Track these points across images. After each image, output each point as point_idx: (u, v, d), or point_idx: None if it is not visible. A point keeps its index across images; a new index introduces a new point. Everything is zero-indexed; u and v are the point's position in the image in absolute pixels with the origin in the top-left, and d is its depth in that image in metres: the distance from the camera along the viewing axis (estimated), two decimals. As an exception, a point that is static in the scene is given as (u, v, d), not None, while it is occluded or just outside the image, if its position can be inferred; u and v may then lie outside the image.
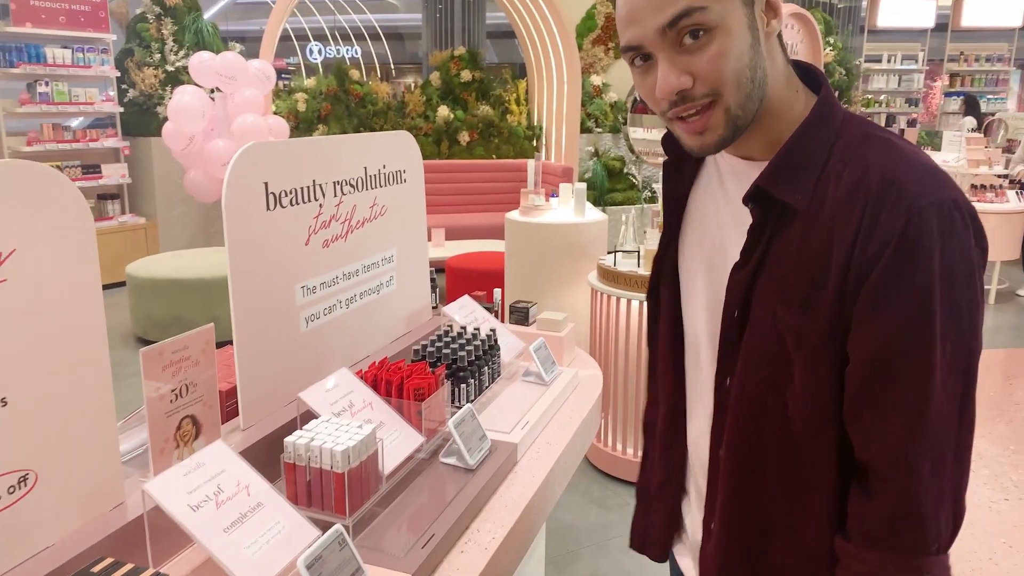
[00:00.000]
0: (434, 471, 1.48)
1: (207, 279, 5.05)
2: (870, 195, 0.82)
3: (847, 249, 0.83)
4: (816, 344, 0.86)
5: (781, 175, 0.88)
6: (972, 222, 0.82)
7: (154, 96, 6.71)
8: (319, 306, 1.64)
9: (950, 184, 0.82)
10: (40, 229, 1.03)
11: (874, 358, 0.83)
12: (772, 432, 0.94)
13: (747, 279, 0.93)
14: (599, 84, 8.52)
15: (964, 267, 0.80)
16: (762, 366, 0.93)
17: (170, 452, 1.27)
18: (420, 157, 2.04)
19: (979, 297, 0.83)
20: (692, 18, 0.80)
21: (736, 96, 0.84)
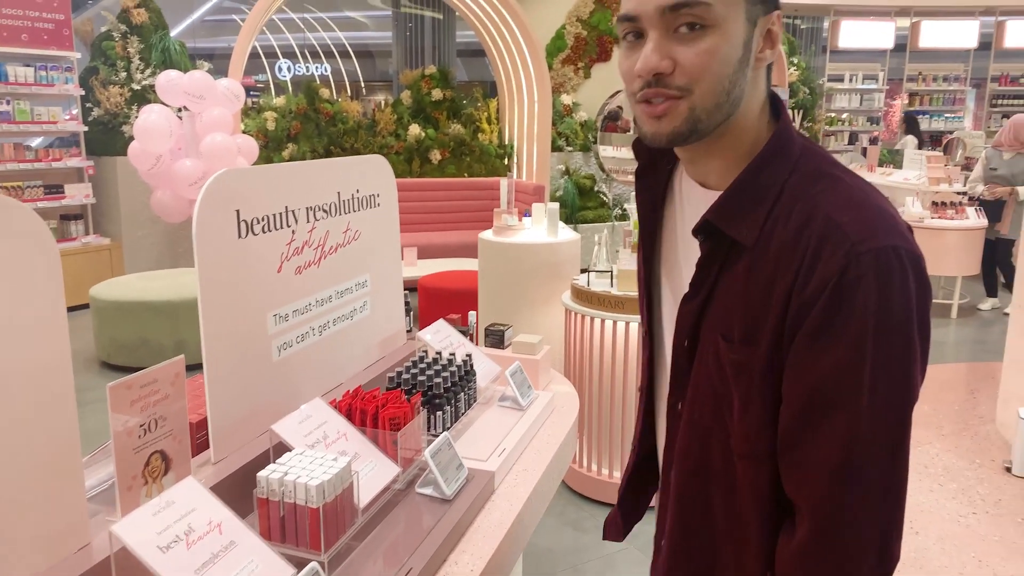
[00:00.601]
0: (410, 502, 1.46)
1: (174, 301, 4.96)
2: (813, 236, 0.82)
3: (788, 288, 0.83)
4: (755, 379, 0.87)
5: (731, 210, 0.88)
6: (914, 270, 0.80)
7: (119, 115, 6.61)
8: (291, 334, 1.61)
9: (894, 230, 0.81)
10: (7, 266, 0.99)
11: (804, 398, 0.83)
12: (717, 461, 0.94)
13: (696, 311, 0.94)
14: (569, 104, 8.59)
15: (901, 315, 0.79)
16: (708, 395, 0.94)
17: (138, 489, 1.23)
18: (394, 180, 2.03)
19: (915, 347, 0.81)
20: (694, 9, 0.81)
21: (705, 99, 0.84)
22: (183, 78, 5.67)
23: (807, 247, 0.82)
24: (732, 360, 0.88)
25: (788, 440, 0.85)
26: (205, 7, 13.14)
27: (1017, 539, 2.95)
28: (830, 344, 0.80)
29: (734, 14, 0.82)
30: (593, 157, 8.34)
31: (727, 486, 0.94)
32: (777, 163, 0.88)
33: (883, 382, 0.80)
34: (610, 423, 3.14)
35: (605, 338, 3.07)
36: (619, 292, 3.06)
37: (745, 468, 0.91)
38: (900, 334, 0.80)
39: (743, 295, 0.87)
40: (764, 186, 0.87)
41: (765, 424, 0.88)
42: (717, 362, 0.91)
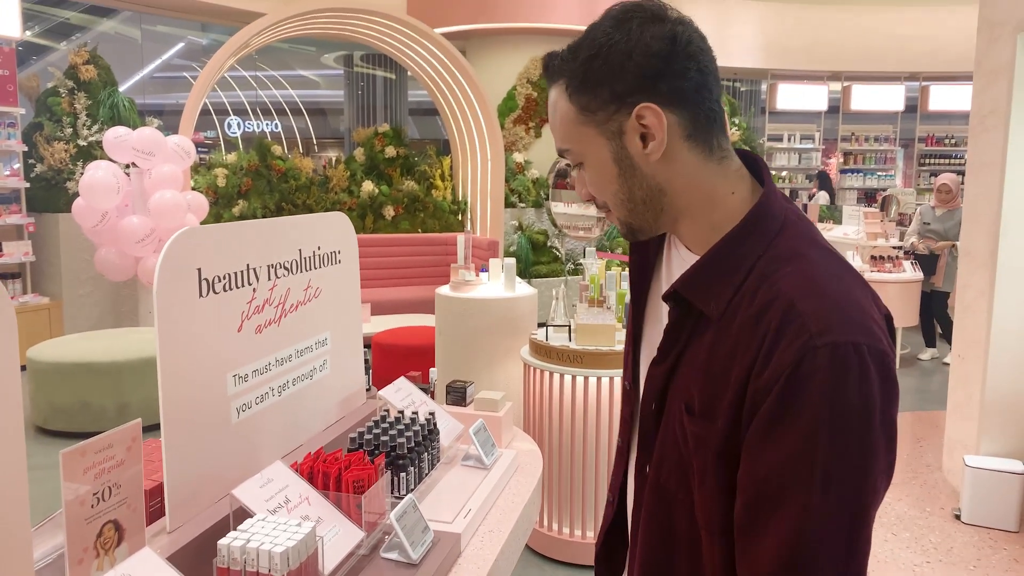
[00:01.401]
0: (375, 567, 1.41)
1: (118, 362, 4.78)
2: (773, 321, 0.80)
3: (746, 370, 0.82)
4: (711, 455, 0.86)
5: (700, 282, 0.89)
6: (877, 367, 0.78)
7: (64, 171, 6.47)
8: (251, 395, 1.57)
9: (857, 324, 0.79)
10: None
11: (753, 489, 0.81)
12: (681, 527, 0.93)
13: (663, 376, 0.94)
14: (521, 161, 8.76)
15: (857, 411, 0.77)
16: (674, 461, 0.92)
17: (89, 562, 1.17)
18: (355, 237, 2.02)
19: (875, 445, 0.78)
20: (567, 155, 0.93)
21: (621, 212, 0.93)
22: (132, 135, 5.60)
23: (766, 331, 0.81)
24: (692, 432, 0.88)
25: (740, 527, 0.83)
26: (154, 64, 13.08)
27: (970, 586, 2.99)
28: (780, 436, 0.79)
29: (592, 144, 0.89)
30: (546, 213, 8.47)
31: (692, 554, 0.92)
32: (752, 238, 0.87)
33: (836, 479, 0.77)
34: (571, 480, 3.12)
35: (565, 393, 3.07)
36: (577, 346, 3.08)
37: (707, 539, 0.89)
38: (855, 431, 0.77)
39: (704, 368, 0.87)
40: (736, 260, 0.87)
41: (719, 500, 0.86)
42: (682, 430, 0.90)
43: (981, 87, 3.55)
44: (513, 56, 8.94)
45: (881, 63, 11.36)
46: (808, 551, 0.77)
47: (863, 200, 10.75)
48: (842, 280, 0.84)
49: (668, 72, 0.84)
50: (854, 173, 12.08)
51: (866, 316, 0.81)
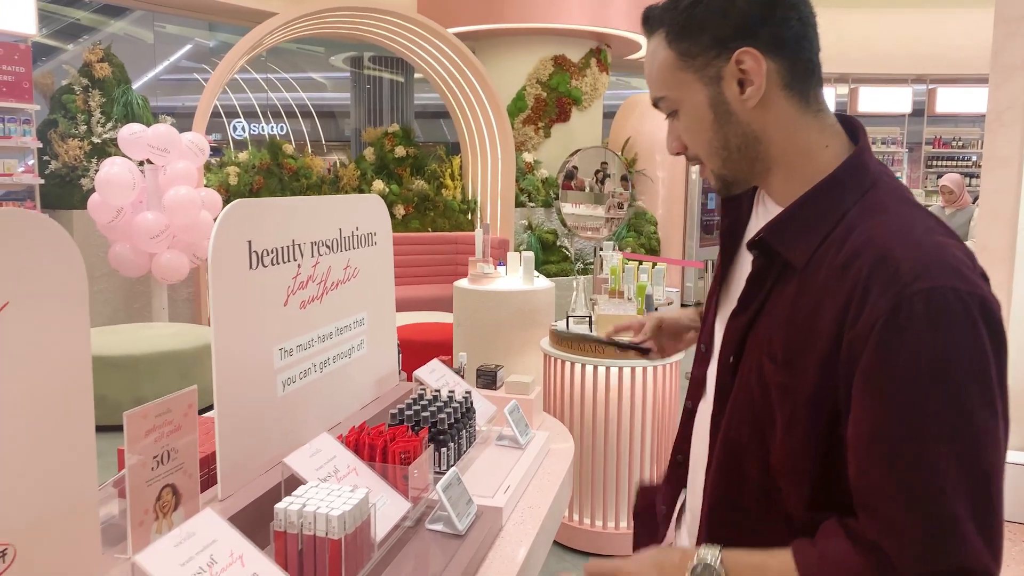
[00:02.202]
0: (420, 539, 1.42)
1: (133, 355, 4.80)
2: (864, 268, 0.79)
3: (837, 319, 0.80)
4: (799, 404, 0.85)
5: (787, 229, 0.89)
6: (982, 308, 0.75)
7: (78, 168, 6.50)
8: (295, 369, 1.59)
9: (955, 271, 0.76)
10: (35, 283, 0.97)
11: (864, 448, 0.79)
12: (753, 477, 0.93)
13: (742, 327, 0.94)
14: (531, 161, 8.78)
15: (964, 358, 0.74)
16: (747, 413, 0.92)
17: (149, 524, 1.18)
18: (389, 221, 2.04)
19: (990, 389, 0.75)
20: (660, 103, 0.95)
21: (713, 161, 0.93)
22: (147, 131, 5.63)
23: (857, 279, 0.79)
24: (776, 382, 0.87)
25: (859, 487, 0.81)
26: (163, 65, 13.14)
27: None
28: (882, 390, 0.77)
29: (688, 90, 0.90)
30: (555, 212, 8.49)
31: (763, 505, 0.92)
32: (842, 191, 0.87)
33: (959, 428, 0.74)
34: (592, 470, 3.13)
35: (587, 383, 3.09)
36: (597, 335, 3.09)
37: (784, 487, 0.89)
38: (969, 379, 0.74)
39: (787, 318, 0.86)
40: (824, 211, 0.87)
41: (807, 447, 0.85)
42: (760, 381, 0.90)
43: (998, 82, 3.57)
44: (523, 56, 8.97)
45: (888, 65, 11.38)
46: (943, 513, 0.74)
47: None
48: (935, 232, 0.82)
49: (770, 19, 0.85)
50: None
51: (962, 265, 0.78)
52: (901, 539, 0.76)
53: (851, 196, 0.86)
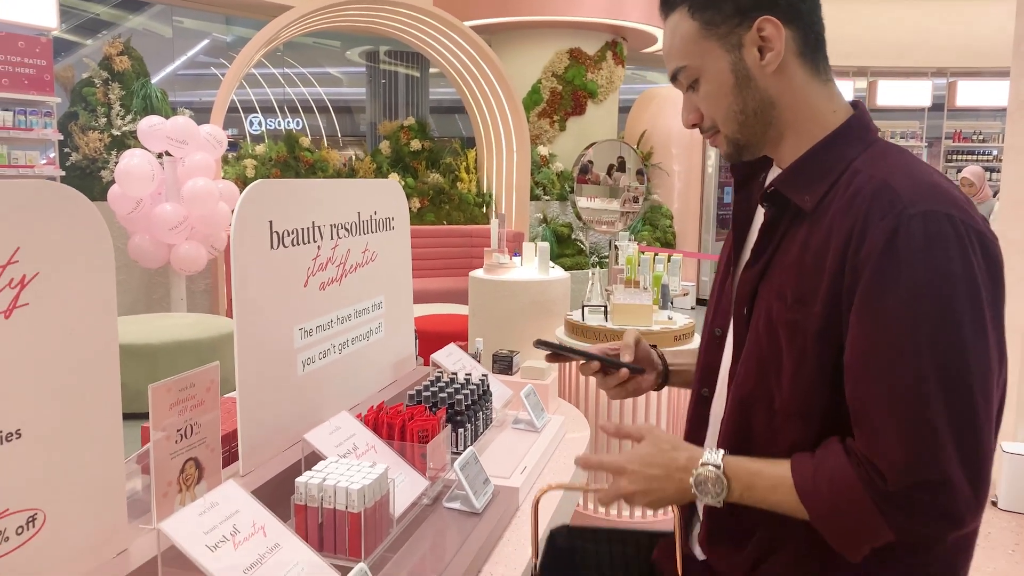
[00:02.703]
0: (439, 517, 1.44)
1: (152, 344, 4.86)
2: (866, 199, 0.85)
3: (841, 249, 0.86)
4: (808, 339, 0.89)
5: (796, 179, 0.95)
6: (977, 237, 0.81)
7: (98, 160, 6.57)
8: (315, 349, 1.61)
9: (951, 200, 0.82)
10: (64, 253, 0.99)
11: (862, 364, 0.84)
12: (759, 423, 0.97)
13: (755, 277, 0.99)
14: (546, 154, 8.77)
15: (956, 279, 0.79)
16: (755, 358, 0.97)
17: (173, 496, 1.20)
18: (406, 206, 2.05)
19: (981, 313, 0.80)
20: (681, 74, 0.99)
21: (730, 126, 0.98)
22: (166, 123, 5.68)
23: (859, 211, 0.85)
24: (787, 320, 0.91)
25: (855, 410, 0.86)
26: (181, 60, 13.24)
27: (1009, 570, 2.98)
28: (881, 308, 0.82)
29: (710, 57, 0.95)
30: (570, 206, 8.48)
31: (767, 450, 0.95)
32: (848, 143, 0.93)
33: (947, 346, 0.79)
34: (607, 458, 3.13)
35: (602, 372, 3.09)
36: (614, 326, 3.09)
37: (788, 429, 0.92)
38: (960, 300, 0.79)
39: (799, 260, 0.91)
40: (832, 161, 0.93)
41: (814, 383, 0.90)
42: (768, 324, 0.94)
43: (1020, 72, 3.54)
44: (538, 49, 8.96)
45: (908, 58, 11.26)
46: (927, 427, 0.79)
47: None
48: (935, 175, 0.88)
49: None
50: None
51: (960, 201, 0.84)
52: (887, 450, 0.82)
53: (856, 148, 0.93)
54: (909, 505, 0.82)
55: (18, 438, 0.93)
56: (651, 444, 0.98)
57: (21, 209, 0.95)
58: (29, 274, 0.94)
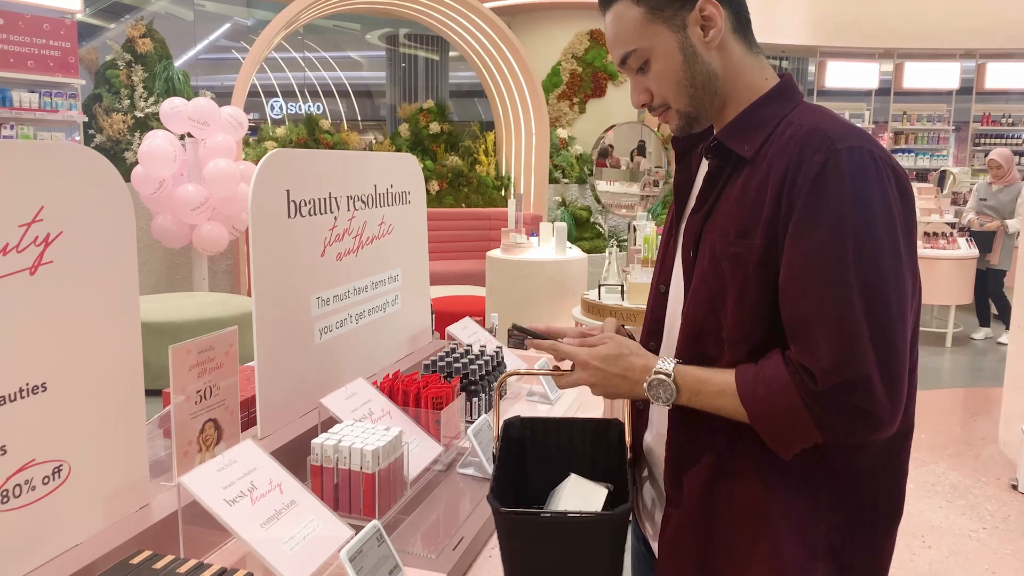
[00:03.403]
0: (452, 482, 1.46)
1: (175, 322, 4.94)
2: (799, 138, 0.96)
3: (779, 184, 0.96)
4: (750, 268, 0.98)
5: (736, 132, 1.05)
6: (893, 172, 0.93)
7: (122, 141, 6.66)
8: (332, 319, 1.63)
9: (872, 140, 0.95)
10: (86, 213, 1.02)
11: (794, 282, 0.94)
12: (709, 353, 1.04)
13: (700, 221, 1.07)
14: (565, 137, 8.74)
15: (875, 205, 0.91)
16: (702, 294, 1.05)
17: (193, 455, 1.24)
18: (423, 181, 2.07)
19: (898, 242, 0.91)
20: (630, 58, 1.07)
21: (680, 100, 1.07)
22: (187, 105, 5.74)
23: (794, 149, 0.96)
24: (730, 254, 1.00)
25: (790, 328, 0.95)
26: (203, 44, 13.31)
27: (1028, 551, 2.96)
28: (810, 230, 0.92)
29: (659, 39, 1.04)
30: (589, 189, 8.46)
31: None
32: (781, 101, 1.05)
33: (867, 263, 0.90)
34: (622, 436, 3.15)
35: (617, 350, 3.10)
36: (630, 304, 3.10)
37: (737, 352, 1.00)
38: (878, 223, 0.91)
39: (740, 200, 1.01)
40: (768, 115, 1.04)
41: (758, 310, 0.98)
42: (713, 260, 1.02)
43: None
44: (558, 31, 8.90)
45: (936, 40, 11.03)
46: (850, 332, 0.90)
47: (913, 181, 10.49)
48: (855, 126, 0.99)
49: None
50: (905, 153, 11.79)
51: (877, 141, 0.95)
52: (817, 355, 0.92)
53: (787, 105, 1.04)
54: (833, 404, 0.91)
55: (43, 391, 0.97)
56: (614, 347, 1.08)
57: (45, 170, 0.97)
58: (53, 233, 0.97)
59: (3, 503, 0.93)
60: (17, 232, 0.93)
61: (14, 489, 0.94)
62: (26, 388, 0.95)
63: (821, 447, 0.97)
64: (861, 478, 1.03)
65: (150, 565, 0.93)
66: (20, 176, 0.94)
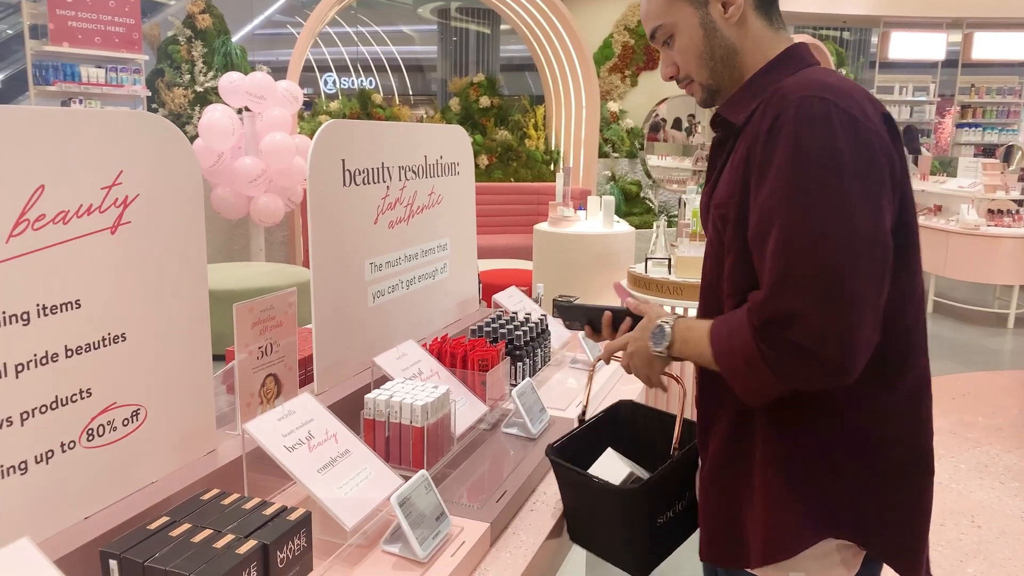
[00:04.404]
0: (496, 440, 1.52)
1: (234, 291, 5.12)
2: (769, 105, 1.00)
3: (749, 145, 1.01)
4: (731, 227, 1.03)
5: (735, 103, 1.10)
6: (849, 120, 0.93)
7: (182, 116, 6.87)
8: (384, 283, 1.70)
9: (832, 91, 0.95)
10: (160, 177, 1.10)
11: (756, 226, 0.98)
12: (715, 309, 1.11)
13: (708, 193, 1.14)
14: (616, 111, 8.67)
15: (823, 151, 0.92)
16: (711, 255, 1.13)
17: (254, 407, 1.32)
18: (471, 152, 2.11)
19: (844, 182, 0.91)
20: (657, 32, 1.14)
21: (702, 73, 1.13)
22: (245, 79, 5.88)
23: (763, 110, 1.00)
24: (720, 216, 1.06)
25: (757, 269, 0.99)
26: (259, 19, 13.54)
27: (1083, 534, 2.90)
28: (764, 178, 0.97)
29: (682, 15, 1.10)
30: (639, 163, 8.40)
31: None
32: (779, 70, 1.08)
33: (808, 205, 0.92)
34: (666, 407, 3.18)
35: (663, 323, 3.12)
36: (677, 278, 3.11)
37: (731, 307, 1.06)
38: (818, 167, 0.92)
39: (730, 168, 1.07)
40: (763, 85, 1.07)
41: (739, 266, 1.03)
42: (714, 226, 1.09)
43: None
44: (610, 3, 8.79)
45: (1007, 8, 10.52)
46: (783, 267, 0.93)
47: (979, 157, 10.08)
48: (827, 75, 1.01)
49: None
50: (972, 128, 11.33)
51: (845, 93, 0.96)
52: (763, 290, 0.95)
53: (783, 74, 1.06)
54: (774, 340, 0.93)
55: (123, 341, 1.05)
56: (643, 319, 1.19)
57: (123, 137, 1.05)
58: (131, 195, 1.05)
59: (89, 440, 1.02)
60: (99, 194, 1.01)
61: (98, 428, 1.04)
62: (108, 337, 1.04)
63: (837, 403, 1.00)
64: (880, 434, 1.04)
65: (219, 501, 1.01)
66: (101, 142, 1.02)
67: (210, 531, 0.94)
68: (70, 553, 0.93)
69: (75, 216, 0.97)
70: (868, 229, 0.92)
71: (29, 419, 0.94)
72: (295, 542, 0.97)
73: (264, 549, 0.92)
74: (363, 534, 1.12)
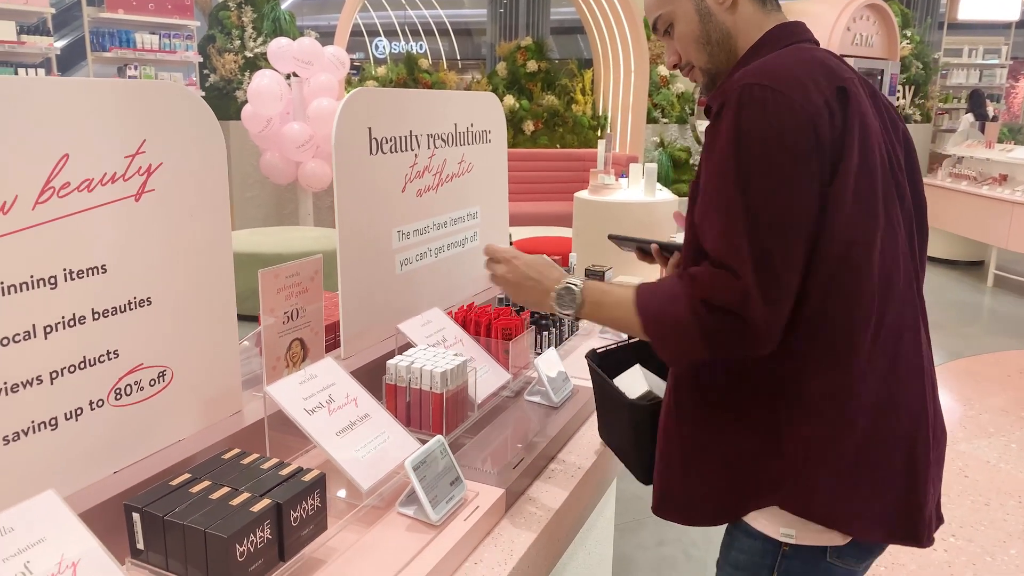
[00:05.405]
0: (518, 408, 1.54)
1: (283, 254, 5.23)
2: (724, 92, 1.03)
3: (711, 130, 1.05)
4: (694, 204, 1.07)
5: (718, 88, 1.11)
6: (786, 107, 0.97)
7: (233, 81, 6.98)
8: (412, 251, 1.72)
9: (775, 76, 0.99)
10: (183, 145, 1.12)
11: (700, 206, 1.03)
12: None
13: (696, 178, 1.15)
14: (666, 75, 8.47)
15: (758, 135, 0.97)
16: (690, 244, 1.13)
17: (280, 370, 1.36)
18: (504, 120, 2.10)
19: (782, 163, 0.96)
20: (659, 22, 1.19)
21: (700, 58, 1.17)
22: (293, 45, 5.93)
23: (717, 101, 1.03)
24: (691, 196, 1.11)
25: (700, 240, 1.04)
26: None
27: None
28: (708, 160, 1.03)
29: (679, 3, 1.14)
30: (689, 130, 8.22)
31: None
32: (757, 54, 1.11)
33: (755, 186, 0.97)
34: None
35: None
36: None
37: None
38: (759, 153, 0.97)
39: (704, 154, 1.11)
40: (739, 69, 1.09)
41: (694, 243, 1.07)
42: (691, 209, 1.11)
43: None
44: (663, -36, 8.53)
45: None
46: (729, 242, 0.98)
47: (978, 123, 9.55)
48: (784, 58, 1.05)
49: None
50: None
51: (790, 75, 1.00)
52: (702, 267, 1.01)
53: (765, 54, 1.09)
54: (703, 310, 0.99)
55: (148, 305, 1.09)
56: (539, 257, 1.24)
57: (146, 107, 1.08)
58: (155, 164, 1.08)
59: (116, 400, 1.07)
60: (123, 162, 1.04)
61: (126, 388, 1.08)
62: (134, 301, 1.08)
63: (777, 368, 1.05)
64: None
65: (238, 460, 1.05)
66: (124, 112, 1.05)
67: (228, 489, 0.97)
68: (99, 504, 0.98)
69: (99, 184, 1.00)
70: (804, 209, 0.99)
71: (58, 378, 0.99)
72: (309, 502, 1.01)
73: (278, 508, 0.96)
74: (379, 496, 1.15)
